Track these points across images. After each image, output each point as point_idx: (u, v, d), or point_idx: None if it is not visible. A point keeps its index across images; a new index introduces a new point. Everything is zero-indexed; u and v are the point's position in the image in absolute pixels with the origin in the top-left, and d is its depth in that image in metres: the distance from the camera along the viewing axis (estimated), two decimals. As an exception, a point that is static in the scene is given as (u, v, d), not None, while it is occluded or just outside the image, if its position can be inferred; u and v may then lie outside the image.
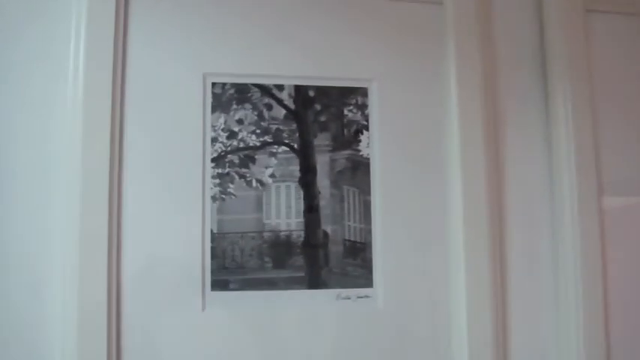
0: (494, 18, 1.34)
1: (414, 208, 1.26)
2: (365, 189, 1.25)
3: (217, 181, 1.20)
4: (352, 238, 1.24)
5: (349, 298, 1.22)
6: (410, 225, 1.25)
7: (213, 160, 1.21)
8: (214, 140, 1.21)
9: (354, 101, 1.27)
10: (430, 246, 1.25)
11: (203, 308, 1.17)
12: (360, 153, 1.26)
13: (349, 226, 1.24)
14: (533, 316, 1.27)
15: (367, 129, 1.26)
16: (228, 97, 1.23)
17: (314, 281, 1.21)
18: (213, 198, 1.20)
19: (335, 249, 1.23)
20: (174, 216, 1.17)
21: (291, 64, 1.25)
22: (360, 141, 1.26)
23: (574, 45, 1.33)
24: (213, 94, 1.22)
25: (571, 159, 1.29)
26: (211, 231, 1.19)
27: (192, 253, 1.17)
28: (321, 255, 1.22)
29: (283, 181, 1.23)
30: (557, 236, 1.29)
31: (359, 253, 1.24)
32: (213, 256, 1.18)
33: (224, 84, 1.22)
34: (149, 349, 1.14)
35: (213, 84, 1.22)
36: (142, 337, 1.14)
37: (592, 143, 1.30)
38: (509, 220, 1.29)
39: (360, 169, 1.26)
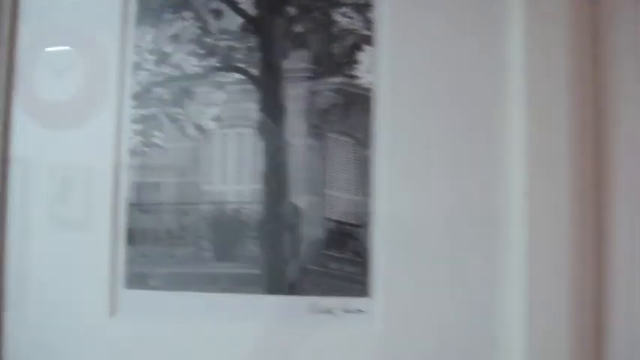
0: None
1: (445, 170, 0.75)
2: (363, 138, 0.77)
3: (139, 126, 0.82)
4: (340, 218, 0.78)
5: (331, 312, 0.77)
6: (437, 199, 0.75)
7: (134, 96, 0.82)
8: (137, 67, 0.82)
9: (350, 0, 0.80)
10: (468, 236, 0.75)
11: (112, 313, 0.80)
12: (358, 81, 0.78)
13: (335, 197, 0.78)
14: None
15: (371, 43, 0.79)
16: (160, 2, 0.83)
17: (276, 283, 0.78)
18: (132, 152, 0.81)
19: (311, 233, 0.78)
20: (74, 177, 0.82)
21: (252, -56, 0.81)
22: (358, 62, 0.79)
23: None
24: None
25: None
26: (126, 200, 0.81)
27: (97, 232, 0.81)
28: (289, 242, 0.79)
29: (233, 125, 0.80)
30: None
31: (350, 242, 0.77)
32: (128, 239, 0.81)
33: (153, -18, 0.83)
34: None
35: (138, -17, 0.83)
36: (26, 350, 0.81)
37: None
38: (612, 208, 0.72)
39: (356, 106, 0.78)
